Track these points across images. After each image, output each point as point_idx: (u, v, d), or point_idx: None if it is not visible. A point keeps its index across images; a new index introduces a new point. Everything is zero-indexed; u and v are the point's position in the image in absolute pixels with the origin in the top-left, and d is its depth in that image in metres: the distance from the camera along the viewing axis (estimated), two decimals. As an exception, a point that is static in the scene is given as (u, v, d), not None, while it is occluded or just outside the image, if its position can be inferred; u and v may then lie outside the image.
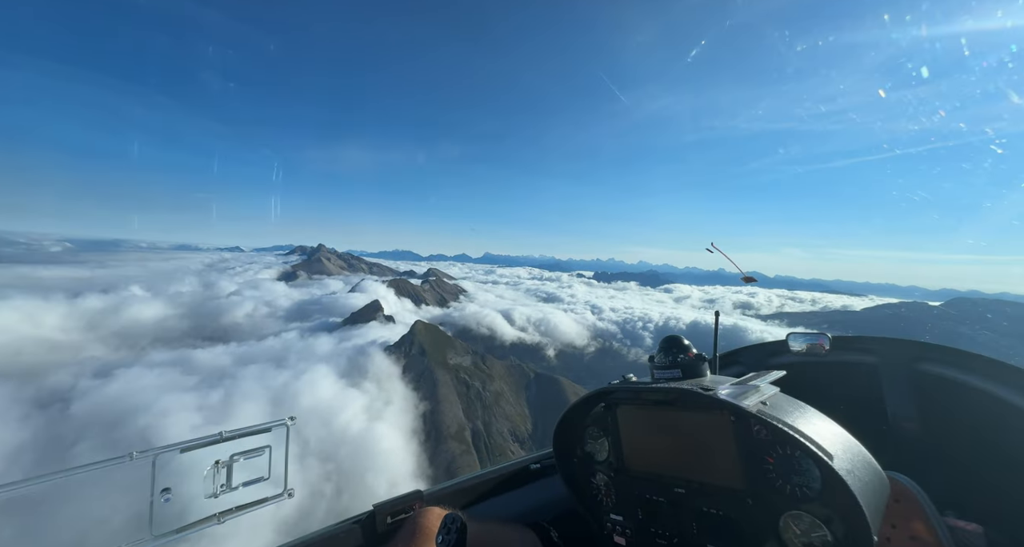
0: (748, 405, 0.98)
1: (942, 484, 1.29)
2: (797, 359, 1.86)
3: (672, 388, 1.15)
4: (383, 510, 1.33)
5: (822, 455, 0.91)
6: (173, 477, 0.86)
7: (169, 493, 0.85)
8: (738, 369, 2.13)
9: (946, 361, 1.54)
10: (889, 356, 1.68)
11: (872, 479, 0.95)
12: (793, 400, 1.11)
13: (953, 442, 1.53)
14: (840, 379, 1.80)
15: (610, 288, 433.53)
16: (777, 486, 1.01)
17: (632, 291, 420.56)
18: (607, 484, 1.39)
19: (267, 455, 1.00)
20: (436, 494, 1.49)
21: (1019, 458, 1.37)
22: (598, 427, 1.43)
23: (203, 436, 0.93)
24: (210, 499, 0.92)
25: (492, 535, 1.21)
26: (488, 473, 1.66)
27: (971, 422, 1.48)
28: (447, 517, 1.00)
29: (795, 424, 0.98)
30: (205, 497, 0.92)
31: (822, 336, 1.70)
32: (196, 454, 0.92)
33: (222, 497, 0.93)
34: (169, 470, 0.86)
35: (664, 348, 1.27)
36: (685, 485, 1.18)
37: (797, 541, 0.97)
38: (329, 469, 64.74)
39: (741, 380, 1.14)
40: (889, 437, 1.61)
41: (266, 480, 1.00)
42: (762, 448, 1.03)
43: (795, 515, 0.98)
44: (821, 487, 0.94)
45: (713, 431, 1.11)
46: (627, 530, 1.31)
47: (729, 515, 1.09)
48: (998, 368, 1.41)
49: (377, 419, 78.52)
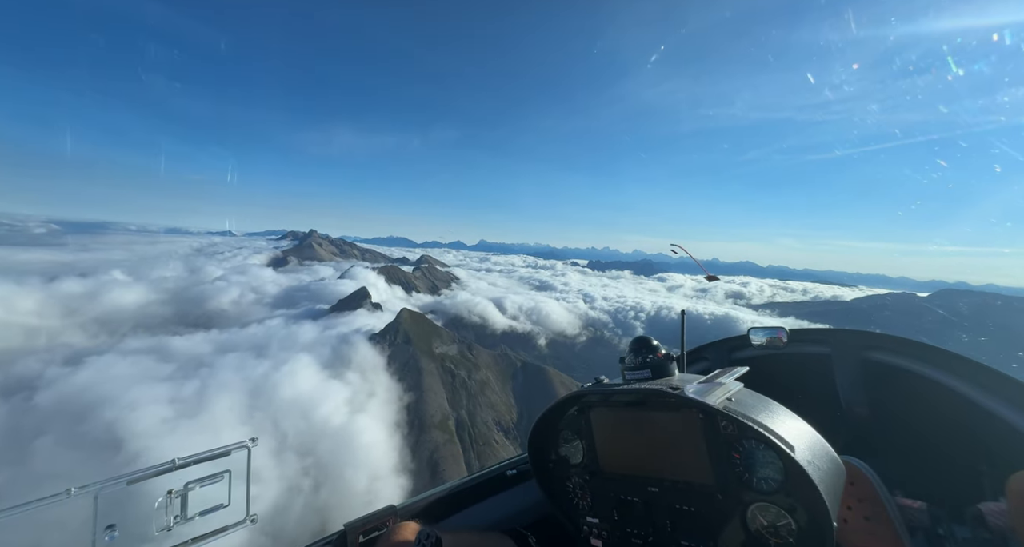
0: (715, 402, 1.01)
1: (890, 465, 1.35)
2: (758, 353, 1.96)
3: (643, 389, 1.17)
4: (355, 529, 1.27)
5: (784, 447, 0.94)
6: (119, 512, 0.79)
7: (114, 530, 0.78)
8: (704, 365, 2.19)
9: (892, 350, 1.65)
10: (841, 346, 1.77)
11: (831, 467, 1.00)
12: (757, 395, 1.15)
13: (899, 426, 1.64)
14: (798, 370, 1.88)
15: (604, 277, 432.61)
16: (744, 480, 1.04)
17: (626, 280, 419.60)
18: (582, 487, 1.39)
19: (226, 481, 0.95)
20: (410, 508, 1.44)
21: (956, 439, 1.49)
22: (572, 430, 1.43)
23: (153, 465, 0.87)
24: (163, 532, 0.86)
25: (468, 544, 1.19)
26: (463, 482, 1.63)
27: (914, 406, 1.59)
28: (420, 533, 0.98)
29: (759, 418, 1.01)
30: (157, 531, 0.85)
31: (780, 330, 1.81)
32: (146, 485, 0.85)
33: (176, 529, 0.87)
34: (115, 504, 0.79)
35: (634, 349, 1.30)
36: (658, 484, 1.20)
37: (764, 531, 1.00)
38: (307, 463, 62.43)
39: (708, 378, 1.17)
40: (842, 423, 1.70)
41: (226, 507, 0.94)
42: (729, 444, 1.06)
43: (761, 506, 1.01)
44: (784, 478, 0.98)
45: (683, 429, 1.14)
46: (603, 532, 1.32)
47: (700, 511, 1.11)
48: (939, 355, 1.52)
49: (359, 411, 76.24)
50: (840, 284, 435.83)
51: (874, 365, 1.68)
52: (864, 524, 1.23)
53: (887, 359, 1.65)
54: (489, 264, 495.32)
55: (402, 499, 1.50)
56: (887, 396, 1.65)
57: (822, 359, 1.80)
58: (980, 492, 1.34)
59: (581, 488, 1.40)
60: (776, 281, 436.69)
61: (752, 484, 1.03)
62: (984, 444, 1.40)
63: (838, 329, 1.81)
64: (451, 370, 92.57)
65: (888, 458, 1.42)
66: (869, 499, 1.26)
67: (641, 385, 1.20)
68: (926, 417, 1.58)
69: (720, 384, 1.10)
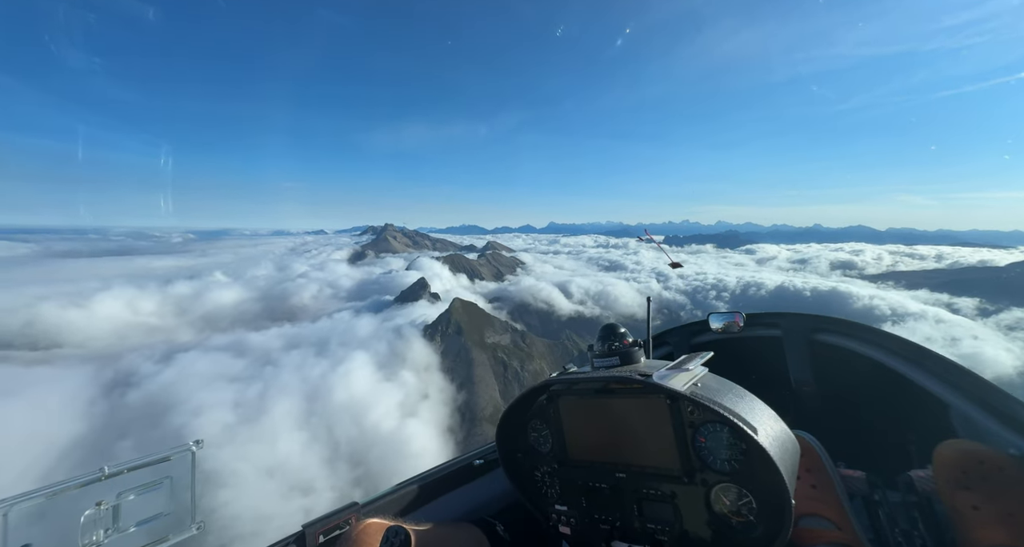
0: (681, 387, 1.04)
1: (834, 438, 1.44)
2: (717, 337, 2.07)
3: (612, 376, 1.19)
4: (314, 529, 1.24)
5: (748, 430, 0.97)
6: (37, 529, 0.73)
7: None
8: (666, 350, 2.29)
9: (837, 331, 1.80)
10: (791, 329, 1.91)
11: (788, 447, 1.04)
12: (721, 379, 1.18)
13: (842, 401, 1.79)
14: (753, 352, 2.01)
15: (682, 252, 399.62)
16: (709, 462, 1.07)
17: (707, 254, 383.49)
18: (551, 475, 1.40)
19: (167, 487, 0.90)
20: (374, 504, 1.42)
21: (890, 413, 1.66)
22: (540, 420, 1.43)
23: (77, 475, 0.80)
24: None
25: (436, 537, 1.16)
26: (429, 474, 1.63)
27: (854, 383, 1.72)
28: (389, 530, 0.94)
29: (723, 402, 1.04)
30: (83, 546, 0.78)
31: (737, 314, 1.92)
32: (69, 497, 0.79)
33: (108, 543, 0.81)
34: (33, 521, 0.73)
35: (602, 337, 1.32)
36: (626, 470, 1.21)
37: (726, 511, 1.04)
38: (359, 474, 60.03)
39: (676, 363, 1.19)
40: (791, 400, 1.85)
41: (167, 515, 0.89)
42: (694, 428, 1.09)
43: (724, 487, 1.04)
44: (746, 459, 1.02)
45: (650, 415, 1.15)
46: (571, 519, 1.33)
47: (666, 495, 1.14)
48: (877, 335, 1.66)
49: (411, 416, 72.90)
50: (991, 246, 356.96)
51: (820, 346, 1.82)
52: (811, 492, 1.32)
53: (832, 340, 1.79)
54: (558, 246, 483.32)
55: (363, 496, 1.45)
56: (831, 374, 1.79)
57: (774, 341, 1.94)
58: (910, 460, 1.46)
59: (549, 476, 1.40)
60: (899, 247, 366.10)
61: (716, 466, 1.06)
62: (914, 416, 1.55)
63: (789, 313, 1.95)
64: (503, 360, 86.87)
65: (832, 432, 1.49)
66: (816, 469, 1.34)
67: (610, 372, 1.22)
68: (864, 393, 1.73)
69: (687, 370, 1.13)
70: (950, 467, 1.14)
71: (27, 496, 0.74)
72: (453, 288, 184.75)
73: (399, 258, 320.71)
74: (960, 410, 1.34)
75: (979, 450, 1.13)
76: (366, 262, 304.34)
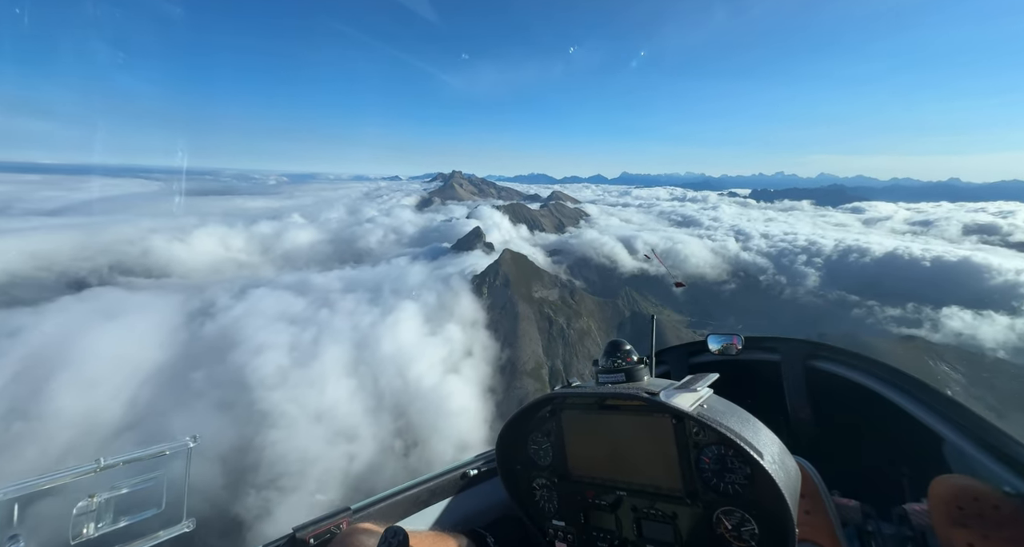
0: (689, 408, 1.03)
1: (829, 466, 1.44)
2: (715, 358, 2.05)
3: (618, 392, 1.18)
4: (305, 532, 1.23)
5: (753, 454, 0.96)
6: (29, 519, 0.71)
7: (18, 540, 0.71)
8: (663, 369, 2.29)
9: (833, 359, 1.83)
10: (788, 354, 1.94)
11: (792, 474, 1.03)
12: (725, 401, 1.17)
13: (837, 429, 1.80)
14: (750, 375, 2.00)
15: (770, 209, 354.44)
16: (712, 485, 1.06)
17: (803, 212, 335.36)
18: (549, 489, 1.40)
19: (161, 483, 0.89)
20: (367, 509, 1.41)
21: (884, 444, 1.67)
22: (541, 432, 1.43)
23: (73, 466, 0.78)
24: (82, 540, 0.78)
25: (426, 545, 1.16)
26: (423, 481, 1.62)
27: (851, 412, 1.74)
28: (388, 531, 0.95)
29: (729, 425, 1.03)
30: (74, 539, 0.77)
31: (735, 336, 1.94)
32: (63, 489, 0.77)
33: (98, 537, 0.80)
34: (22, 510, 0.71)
35: (607, 352, 1.32)
36: (626, 487, 1.20)
37: (728, 535, 1.03)
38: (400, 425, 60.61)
39: (683, 383, 1.17)
40: (787, 425, 1.86)
41: (159, 512, 0.87)
42: (699, 449, 1.09)
43: (727, 511, 1.03)
44: (751, 484, 1.01)
45: (654, 434, 1.15)
46: (569, 535, 1.32)
47: (668, 515, 1.12)
48: (873, 365, 1.68)
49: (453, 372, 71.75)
50: None
51: (817, 373, 1.84)
52: (805, 517, 1.31)
53: (828, 367, 1.81)
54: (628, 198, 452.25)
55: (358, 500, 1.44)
56: (827, 401, 1.81)
57: (772, 366, 1.96)
58: (904, 492, 1.47)
59: (548, 490, 1.39)
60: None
61: (719, 489, 1.05)
62: (908, 448, 1.55)
63: (788, 338, 1.97)
64: (549, 316, 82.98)
65: (827, 459, 1.50)
66: (811, 495, 1.34)
67: (616, 389, 1.21)
68: (860, 422, 1.74)
69: (694, 390, 1.11)
70: (946, 502, 1.13)
71: (18, 485, 0.73)
72: (512, 239, 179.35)
73: (463, 206, 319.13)
74: (954, 445, 1.34)
75: (975, 486, 1.12)
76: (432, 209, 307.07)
